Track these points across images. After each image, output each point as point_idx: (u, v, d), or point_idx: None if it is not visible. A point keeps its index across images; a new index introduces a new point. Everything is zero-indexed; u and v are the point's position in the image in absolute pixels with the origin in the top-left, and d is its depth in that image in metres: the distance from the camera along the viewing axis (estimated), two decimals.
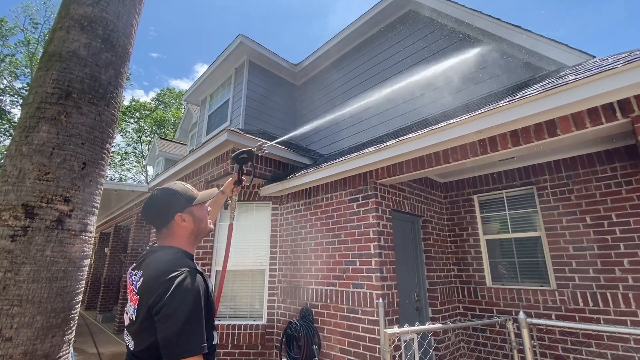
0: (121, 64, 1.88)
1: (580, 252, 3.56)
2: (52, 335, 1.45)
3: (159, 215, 1.23)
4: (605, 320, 3.26)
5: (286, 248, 4.79)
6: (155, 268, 1.09)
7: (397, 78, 5.52)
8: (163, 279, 1.03)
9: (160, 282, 1.03)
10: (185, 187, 1.30)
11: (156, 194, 1.26)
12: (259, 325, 4.51)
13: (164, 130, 28.18)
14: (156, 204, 1.24)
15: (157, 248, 1.22)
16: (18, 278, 1.39)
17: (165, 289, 1.00)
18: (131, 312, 1.09)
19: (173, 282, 1.02)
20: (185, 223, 1.25)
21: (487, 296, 4.22)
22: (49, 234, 1.48)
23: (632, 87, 2.06)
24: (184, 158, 5.63)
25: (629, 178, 3.39)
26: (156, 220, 1.24)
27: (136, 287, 1.11)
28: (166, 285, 1.01)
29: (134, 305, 1.08)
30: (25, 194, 1.46)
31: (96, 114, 1.70)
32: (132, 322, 1.08)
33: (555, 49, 3.77)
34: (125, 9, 1.92)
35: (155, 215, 1.24)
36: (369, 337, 3.34)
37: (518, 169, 4.23)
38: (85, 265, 1.67)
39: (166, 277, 1.03)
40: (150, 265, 1.13)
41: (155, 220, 1.25)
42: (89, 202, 1.65)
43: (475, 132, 2.78)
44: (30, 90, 1.65)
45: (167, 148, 14.02)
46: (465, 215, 4.69)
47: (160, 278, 1.04)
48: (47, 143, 1.54)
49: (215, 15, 63.47)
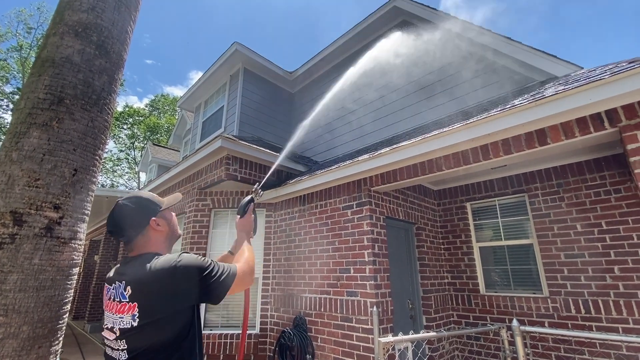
0: (115, 71, 1.87)
1: (572, 260, 3.59)
2: (38, 346, 1.41)
3: (133, 223, 1.23)
4: (598, 327, 3.29)
5: (280, 256, 4.76)
6: (149, 268, 1.10)
7: (389, 87, 5.58)
8: (171, 265, 1.10)
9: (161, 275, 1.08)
10: (150, 194, 1.34)
11: (124, 203, 1.24)
12: (251, 335, 4.44)
13: (157, 136, 27.99)
14: (128, 213, 1.22)
15: (133, 257, 1.20)
16: (4, 287, 1.35)
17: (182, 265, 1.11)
18: (127, 321, 1.07)
19: (179, 262, 1.11)
20: (160, 227, 1.27)
21: (481, 304, 4.22)
22: (38, 242, 1.45)
23: (619, 97, 2.11)
24: (177, 164, 5.59)
25: (618, 186, 3.46)
26: (130, 229, 1.22)
27: (124, 297, 1.09)
28: (179, 264, 1.11)
29: (132, 313, 1.07)
30: (14, 201, 1.43)
31: (89, 120, 1.69)
32: (129, 329, 1.07)
33: (545, 60, 3.86)
34: (120, 16, 1.92)
35: (129, 224, 1.22)
36: (363, 346, 3.31)
37: (510, 177, 4.28)
38: (74, 273, 1.63)
39: (173, 262, 1.11)
40: (137, 271, 1.12)
41: (129, 230, 1.22)
42: (80, 209, 1.63)
43: (467, 141, 2.81)
44: (22, 96, 1.63)
45: (160, 154, 13.92)
46: (458, 223, 4.72)
47: (159, 273, 1.09)
48: (37, 149, 1.52)
49: (209, 23, 63.79)
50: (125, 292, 1.10)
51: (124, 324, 1.08)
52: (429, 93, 5.01)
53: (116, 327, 1.09)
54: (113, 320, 1.10)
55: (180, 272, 1.10)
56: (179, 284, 1.10)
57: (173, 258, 1.14)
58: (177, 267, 1.11)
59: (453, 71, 4.81)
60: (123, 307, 1.09)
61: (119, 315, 1.09)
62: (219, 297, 1.16)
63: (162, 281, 1.09)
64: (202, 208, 4.98)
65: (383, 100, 5.63)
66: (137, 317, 1.06)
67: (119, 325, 1.08)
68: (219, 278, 1.16)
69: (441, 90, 4.87)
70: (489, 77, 4.43)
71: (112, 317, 1.11)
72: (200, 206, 4.98)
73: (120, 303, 1.10)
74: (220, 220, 5.07)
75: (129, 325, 1.07)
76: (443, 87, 4.86)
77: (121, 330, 1.08)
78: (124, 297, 1.10)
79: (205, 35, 65.31)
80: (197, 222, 4.88)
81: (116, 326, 1.09)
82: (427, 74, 5.11)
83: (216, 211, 5.08)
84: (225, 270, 1.20)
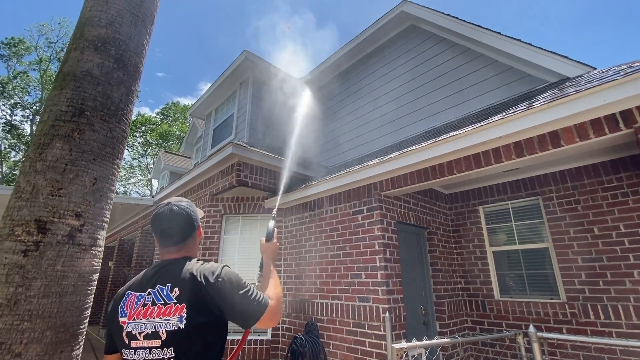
0: (132, 82, 1.93)
1: (590, 264, 3.51)
2: (60, 351, 1.46)
3: (190, 226, 1.30)
4: (618, 333, 3.19)
5: (291, 261, 4.77)
6: (196, 270, 1.16)
7: (399, 91, 5.59)
8: (213, 274, 1.14)
9: (211, 277, 1.13)
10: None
11: (179, 205, 1.30)
12: (263, 340, 4.45)
13: (169, 144, 28.52)
14: (187, 216, 1.30)
15: (174, 260, 1.24)
16: (29, 293, 1.40)
17: (223, 278, 1.15)
18: (174, 322, 1.06)
19: (223, 271, 1.18)
20: (200, 232, 1.39)
21: (496, 309, 4.14)
22: (60, 249, 1.50)
23: (633, 98, 2.08)
24: (189, 171, 5.69)
25: (636, 188, 3.37)
26: (186, 231, 1.29)
27: (170, 298, 1.10)
28: (220, 276, 1.15)
29: (179, 314, 1.07)
30: (38, 210, 1.49)
31: (108, 131, 1.75)
32: (177, 332, 1.05)
33: (556, 61, 3.81)
34: (137, 30, 1.99)
35: (190, 226, 1.30)
36: (376, 352, 3.28)
37: (523, 180, 4.22)
38: (95, 279, 1.68)
39: (217, 271, 1.16)
40: (184, 272, 1.15)
41: (185, 232, 1.29)
42: (99, 217, 1.68)
43: (479, 144, 2.80)
44: (45, 109, 1.70)
45: (172, 161, 14.16)
46: (471, 227, 4.66)
47: (207, 276, 1.13)
48: (60, 159, 1.58)
49: (219, 35, 65.21)
50: (172, 294, 1.10)
51: (171, 325, 1.06)
52: (439, 96, 4.99)
53: (161, 330, 1.06)
54: (154, 325, 1.07)
55: (224, 280, 1.15)
56: (221, 291, 1.12)
57: (218, 266, 1.19)
58: (222, 274, 1.16)
59: (464, 74, 4.78)
60: (169, 309, 1.08)
61: (164, 318, 1.08)
62: (254, 317, 1.16)
63: (208, 285, 1.11)
64: (214, 214, 5.04)
65: (392, 104, 5.63)
66: (185, 318, 1.06)
67: (165, 328, 1.06)
68: (254, 300, 1.17)
69: (451, 93, 4.85)
70: (500, 79, 4.40)
71: (153, 322, 1.08)
72: (212, 212, 5.05)
73: (165, 305, 1.09)
74: (232, 226, 5.13)
75: (176, 327, 1.06)
76: (453, 89, 4.84)
77: (168, 332, 1.06)
78: (169, 298, 1.10)
79: (215, 48, 66.75)
80: (209, 228, 4.94)
81: (161, 329, 1.06)
82: (437, 76, 5.10)
83: (227, 217, 5.14)
84: (260, 297, 1.20)
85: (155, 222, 1.28)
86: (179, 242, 1.27)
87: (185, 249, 1.29)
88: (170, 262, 1.23)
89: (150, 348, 1.06)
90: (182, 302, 1.09)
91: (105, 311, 9.41)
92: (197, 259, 1.26)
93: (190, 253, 1.30)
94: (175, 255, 1.26)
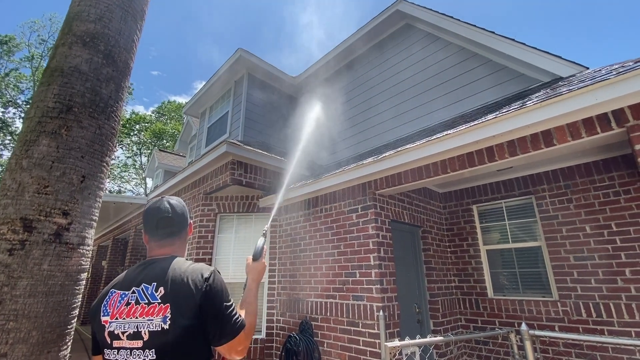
0: (122, 79, 1.90)
1: (582, 262, 3.54)
2: (47, 351, 1.43)
3: (185, 218, 1.31)
4: (610, 331, 3.22)
5: (285, 260, 4.76)
6: (184, 269, 1.13)
7: (394, 90, 5.59)
8: (202, 278, 1.11)
9: (199, 280, 1.10)
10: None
11: (173, 200, 1.31)
12: (257, 340, 4.44)
13: (163, 142, 28.30)
14: (181, 207, 1.30)
15: (162, 259, 1.20)
16: (15, 292, 1.37)
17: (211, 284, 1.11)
18: (157, 323, 1.02)
19: (213, 278, 1.13)
20: (191, 229, 1.38)
21: (489, 307, 4.17)
22: (47, 248, 1.47)
23: (625, 97, 2.09)
24: (183, 170, 5.64)
25: (627, 187, 3.41)
26: (182, 222, 1.29)
27: (154, 297, 1.06)
28: (209, 282, 1.11)
29: (162, 314, 1.03)
30: (24, 208, 1.46)
31: (96, 128, 1.71)
32: (160, 333, 1.02)
33: (549, 61, 3.83)
34: (126, 26, 1.96)
35: (184, 217, 1.30)
36: (370, 350, 3.29)
37: (517, 179, 4.24)
38: (82, 279, 1.65)
39: (206, 275, 1.12)
40: (170, 271, 1.11)
41: (182, 222, 1.29)
42: (88, 215, 1.65)
43: (472, 143, 2.80)
44: (32, 105, 1.67)
45: (166, 160, 14.06)
46: (464, 226, 4.68)
47: (199, 279, 1.10)
48: (47, 156, 1.54)
49: (212, 35, 64.78)
50: (156, 293, 1.06)
51: (154, 326, 1.02)
52: (433, 95, 5.00)
53: (144, 330, 1.02)
54: (137, 324, 1.03)
55: (213, 286, 1.11)
56: (208, 297, 1.08)
57: (208, 269, 1.16)
58: (211, 280, 1.12)
59: (458, 73, 4.80)
60: (153, 309, 1.04)
61: (147, 317, 1.04)
62: (228, 335, 1.10)
63: (195, 288, 1.07)
64: (208, 213, 5.01)
65: (387, 103, 5.63)
66: (169, 319, 1.02)
67: (147, 328, 1.02)
68: (233, 318, 1.13)
69: (446, 92, 4.86)
70: (494, 78, 4.41)
71: (135, 322, 1.04)
72: (206, 211, 5.02)
73: (149, 305, 1.05)
74: (226, 225, 5.10)
75: (159, 327, 1.02)
76: (448, 89, 4.85)
77: (150, 333, 1.02)
78: (154, 297, 1.06)
79: (209, 47, 66.40)
80: (202, 227, 4.91)
81: (144, 329, 1.02)
82: (431, 76, 5.10)
83: (222, 216, 5.11)
84: (239, 318, 1.16)
85: (152, 212, 1.26)
86: (174, 234, 1.26)
87: (178, 244, 1.28)
88: (158, 260, 1.20)
89: (131, 349, 1.02)
90: (167, 302, 1.04)
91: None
92: (185, 258, 1.24)
93: (179, 251, 1.28)
94: (164, 252, 1.24)
